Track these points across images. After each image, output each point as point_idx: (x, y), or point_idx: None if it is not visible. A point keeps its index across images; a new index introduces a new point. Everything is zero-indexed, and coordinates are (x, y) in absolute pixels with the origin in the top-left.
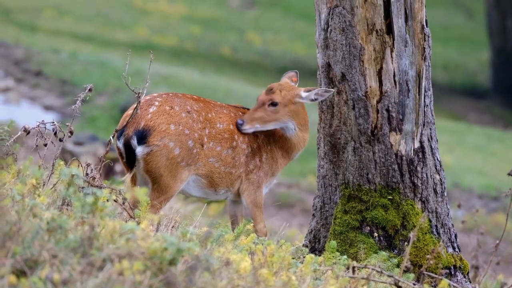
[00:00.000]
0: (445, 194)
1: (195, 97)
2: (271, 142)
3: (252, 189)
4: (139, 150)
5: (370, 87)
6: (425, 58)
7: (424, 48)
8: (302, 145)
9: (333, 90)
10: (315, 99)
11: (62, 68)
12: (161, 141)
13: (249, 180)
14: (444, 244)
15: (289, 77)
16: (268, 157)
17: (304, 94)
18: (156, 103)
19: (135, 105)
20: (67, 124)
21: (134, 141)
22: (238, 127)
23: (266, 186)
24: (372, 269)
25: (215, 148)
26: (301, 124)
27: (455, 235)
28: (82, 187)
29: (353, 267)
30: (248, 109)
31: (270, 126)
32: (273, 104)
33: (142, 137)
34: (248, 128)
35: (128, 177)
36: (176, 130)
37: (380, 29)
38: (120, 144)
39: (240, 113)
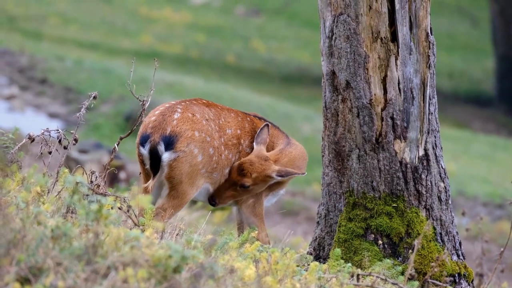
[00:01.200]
0: (450, 202)
1: (205, 101)
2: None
3: (251, 200)
4: (166, 156)
5: (375, 94)
6: (429, 66)
7: (429, 56)
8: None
9: (304, 173)
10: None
11: (67, 76)
12: (188, 147)
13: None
14: (448, 252)
15: (263, 142)
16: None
17: (276, 178)
18: (179, 110)
19: (156, 112)
20: (71, 131)
21: (161, 147)
22: (210, 202)
23: (272, 195)
24: (377, 276)
25: (228, 155)
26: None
27: (460, 243)
28: (87, 195)
29: (358, 275)
30: (264, 119)
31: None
32: (244, 187)
33: (170, 143)
34: (221, 205)
35: (150, 184)
36: (200, 137)
37: (384, 37)
38: (145, 151)
39: (248, 119)
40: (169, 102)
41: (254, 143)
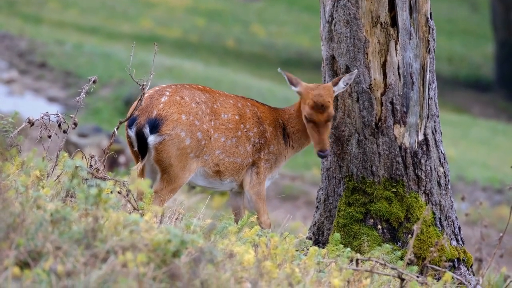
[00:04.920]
0: (449, 187)
1: (200, 87)
2: (279, 135)
3: (256, 181)
4: (151, 139)
5: (375, 79)
6: (429, 51)
7: (429, 41)
8: None
9: (355, 71)
10: (345, 85)
11: (67, 60)
12: (173, 130)
13: (254, 171)
14: (447, 237)
15: (298, 81)
16: (275, 149)
17: (335, 89)
18: (167, 93)
19: (146, 94)
20: (71, 115)
21: (146, 130)
22: (321, 156)
23: (269, 178)
24: (376, 261)
25: (219, 139)
26: None
27: (459, 228)
28: (86, 179)
29: (357, 260)
30: (257, 101)
31: None
32: (333, 117)
33: (155, 126)
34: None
35: (139, 166)
36: (187, 120)
37: (384, 22)
38: (131, 133)
39: (249, 104)
40: (159, 85)
41: (295, 87)
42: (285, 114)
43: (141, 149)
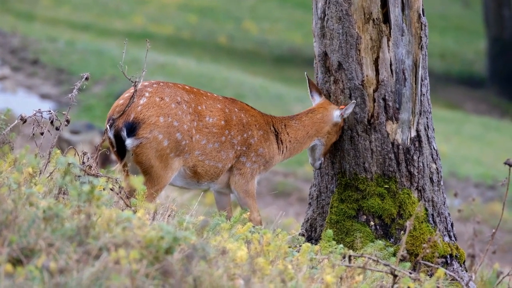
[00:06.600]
0: (442, 183)
1: (187, 87)
2: (272, 139)
3: (244, 181)
4: (129, 142)
5: (367, 76)
6: (421, 47)
7: (421, 37)
8: None
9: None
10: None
11: (59, 57)
12: (151, 133)
13: (241, 172)
14: (440, 233)
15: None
16: (265, 152)
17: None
18: (147, 94)
19: (126, 94)
20: (63, 112)
21: (123, 133)
22: (319, 168)
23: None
24: (368, 258)
25: (200, 141)
26: None
27: (451, 224)
28: (79, 176)
29: (349, 256)
30: (246, 104)
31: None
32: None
33: (132, 130)
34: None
35: (119, 167)
36: (165, 122)
37: (376, 18)
38: (110, 134)
39: (236, 109)
40: (142, 84)
41: (316, 97)
42: (281, 123)
43: (120, 150)
